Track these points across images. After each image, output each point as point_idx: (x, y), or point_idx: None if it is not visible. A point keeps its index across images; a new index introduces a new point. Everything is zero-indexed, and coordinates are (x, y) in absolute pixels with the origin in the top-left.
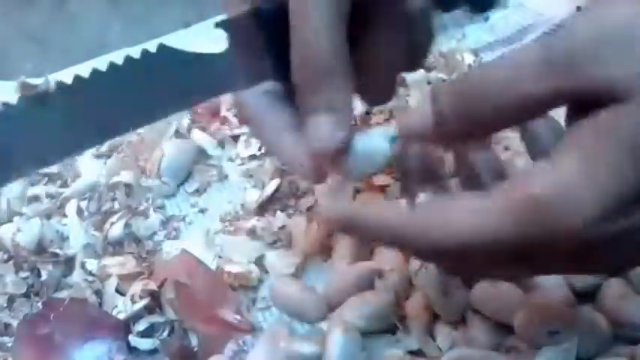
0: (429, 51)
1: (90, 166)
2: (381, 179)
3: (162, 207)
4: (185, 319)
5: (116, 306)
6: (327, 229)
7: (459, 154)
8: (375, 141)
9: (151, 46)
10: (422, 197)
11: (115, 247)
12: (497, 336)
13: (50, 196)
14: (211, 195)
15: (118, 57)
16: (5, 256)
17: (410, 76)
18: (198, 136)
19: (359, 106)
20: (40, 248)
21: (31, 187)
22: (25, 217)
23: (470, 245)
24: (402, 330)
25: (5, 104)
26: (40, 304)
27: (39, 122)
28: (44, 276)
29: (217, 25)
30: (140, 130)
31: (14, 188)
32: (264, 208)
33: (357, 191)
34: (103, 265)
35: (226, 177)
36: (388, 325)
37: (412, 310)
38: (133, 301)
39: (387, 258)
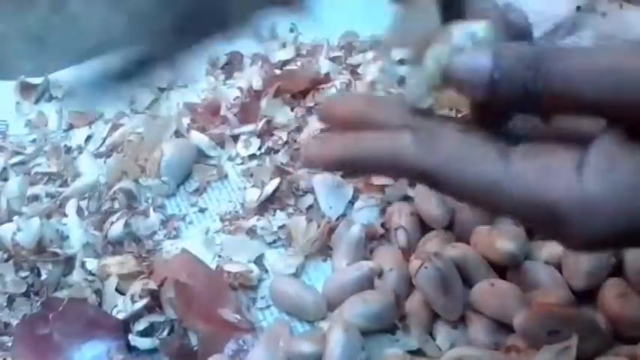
0: None
1: (90, 166)
2: (380, 178)
3: (162, 206)
4: (185, 318)
5: (116, 305)
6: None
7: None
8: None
9: None
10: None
11: (115, 246)
12: (497, 336)
13: (50, 195)
14: (211, 194)
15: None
16: (5, 256)
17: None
18: (198, 136)
19: None
20: (40, 248)
21: (31, 186)
22: (24, 216)
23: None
24: (401, 329)
25: None
26: (39, 304)
27: None
28: (44, 275)
29: None
30: (140, 130)
31: (14, 187)
32: (263, 207)
33: (357, 190)
34: (103, 264)
35: (226, 176)
36: (388, 324)
37: (412, 310)
38: (133, 301)
39: (387, 258)
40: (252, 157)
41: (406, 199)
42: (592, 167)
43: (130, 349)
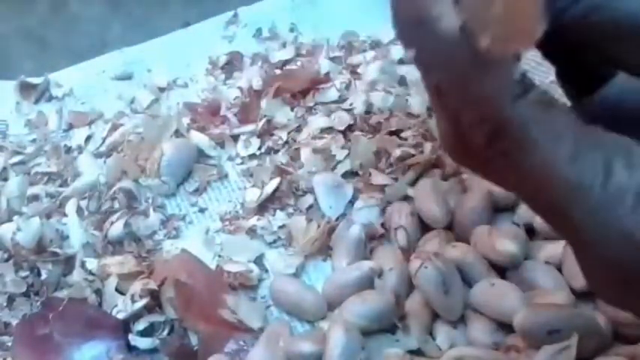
0: None
1: (90, 166)
2: (380, 178)
3: (162, 206)
4: (185, 318)
5: (116, 305)
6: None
7: None
8: None
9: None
10: None
11: (115, 246)
12: (497, 336)
13: (50, 195)
14: (211, 194)
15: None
16: (5, 256)
17: (410, 76)
18: (198, 136)
19: (359, 105)
20: (40, 247)
21: (31, 186)
22: (24, 216)
23: None
24: (401, 329)
25: None
26: (39, 304)
27: None
28: (44, 275)
29: None
30: (140, 130)
31: (14, 187)
32: (263, 207)
33: (357, 190)
34: (103, 264)
35: (226, 176)
36: (388, 324)
37: (412, 310)
38: (133, 301)
39: (387, 258)
40: (252, 157)
41: (406, 199)
42: None
43: (130, 349)
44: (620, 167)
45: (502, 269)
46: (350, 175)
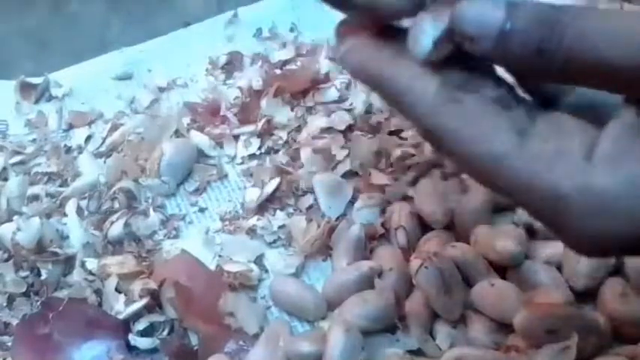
0: None
1: (90, 166)
2: (380, 178)
3: (162, 206)
4: (185, 318)
5: (116, 305)
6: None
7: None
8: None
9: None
10: None
11: (115, 246)
12: (497, 335)
13: (50, 195)
14: (211, 194)
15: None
16: (5, 255)
17: None
18: (198, 136)
19: (359, 105)
20: (40, 247)
21: (31, 186)
22: (24, 216)
23: None
24: (401, 329)
25: None
26: (39, 304)
27: None
28: (44, 275)
29: None
30: (140, 130)
31: (14, 187)
32: (263, 207)
33: (357, 190)
34: (103, 264)
35: (226, 176)
36: (388, 324)
37: (412, 310)
38: (133, 301)
39: (387, 258)
40: (252, 157)
41: (406, 199)
42: (602, 155)
43: (130, 349)
44: (535, 134)
45: (502, 269)
46: (350, 175)
